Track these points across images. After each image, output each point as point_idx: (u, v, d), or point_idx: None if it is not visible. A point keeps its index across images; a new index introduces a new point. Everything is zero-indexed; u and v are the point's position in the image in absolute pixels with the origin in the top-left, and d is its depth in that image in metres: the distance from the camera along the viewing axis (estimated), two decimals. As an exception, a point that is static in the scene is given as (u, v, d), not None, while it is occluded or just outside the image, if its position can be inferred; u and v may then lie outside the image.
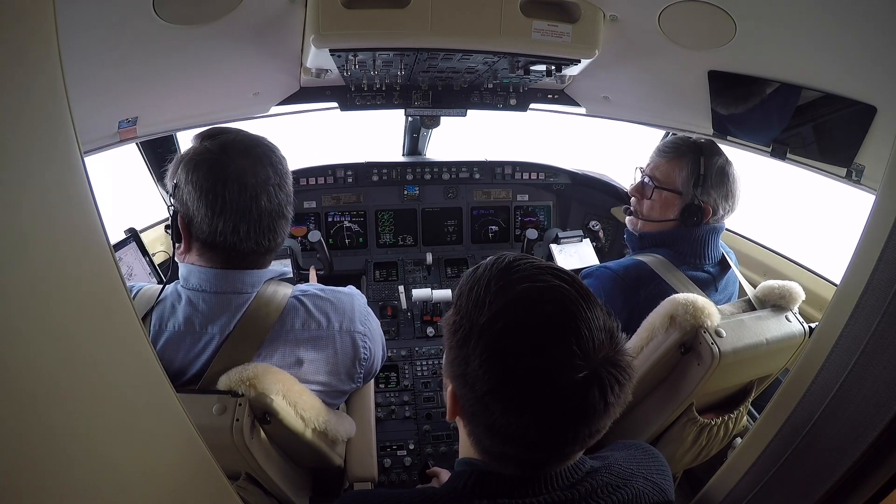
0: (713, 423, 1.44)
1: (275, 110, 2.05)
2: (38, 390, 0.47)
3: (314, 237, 2.15)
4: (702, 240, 1.59)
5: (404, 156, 2.76)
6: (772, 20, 1.19)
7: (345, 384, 1.23)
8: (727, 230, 1.73)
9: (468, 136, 3.31)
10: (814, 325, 1.41)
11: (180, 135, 2.12)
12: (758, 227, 2.33)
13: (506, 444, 0.72)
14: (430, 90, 2.09)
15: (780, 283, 1.46)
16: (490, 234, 2.72)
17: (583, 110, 2.22)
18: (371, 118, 2.48)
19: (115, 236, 1.85)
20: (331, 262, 2.30)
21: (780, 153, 1.50)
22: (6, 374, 0.43)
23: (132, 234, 1.87)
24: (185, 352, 1.09)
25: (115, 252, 0.84)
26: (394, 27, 1.38)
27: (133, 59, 1.31)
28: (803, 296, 1.44)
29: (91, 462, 0.54)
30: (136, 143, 1.99)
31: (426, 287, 2.36)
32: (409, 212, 2.64)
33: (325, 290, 1.21)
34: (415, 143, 2.67)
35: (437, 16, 1.37)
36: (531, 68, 1.66)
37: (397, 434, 2.06)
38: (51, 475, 0.48)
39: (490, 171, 2.68)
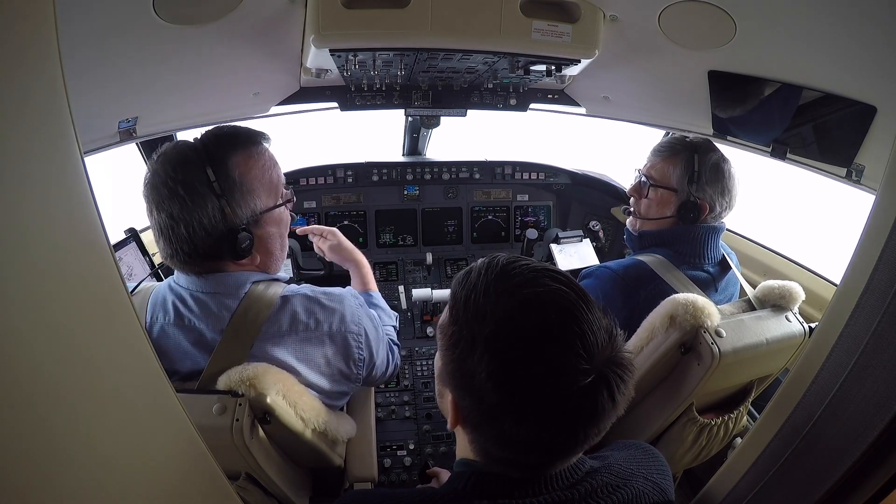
0: (713, 423, 1.44)
1: (275, 110, 2.05)
2: (38, 390, 0.47)
3: None
4: (701, 239, 1.59)
5: (404, 156, 2.76)
6: (772, 20, 1.19)
7: (340, 385, 1.22)
8: (728, 230, 1.74)
9: (468, 136, 3.31)
10: (814, 325, 1.41)
11: (180, 135, 2.11)
12: (758, 227, 2.33)
13: (514, 451, 0.72)
14: (430, 90, 2.09)
15: (780, 283, 1.46)
16: (490, 234, 2.72)
17: (583, 110, 2.22)
18: (371, 118, 2.48)
19: (115, 236, 1.85)
20: (331, 262, 2.30)
21: (780, 153, 1.50)
22: (6, 373, 0.43)
23: (132, 234, 1.86)
24: (175, 345, 1.10)
25: (115, 252, 0.84)
26: (394, 27, 1.38)
27: (133, 60, 1.31)
28: (803, 296, 1.45)
29: (91, 462, 0.54)
30: (136, 143, 1.99)
31: (426, 287, 2.36)
32: (409, 212, 2.64)
33: (316, 291, 1.19)
34: (415, 143, 2.67)
35: (437, 16, 1.37)
36: (531, 68, 1.67)
37: (397, 434, 2.06)
38: (51, 475, 0.48)
39: (490, 171, 2.68)
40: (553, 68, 1.64)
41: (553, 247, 2.29)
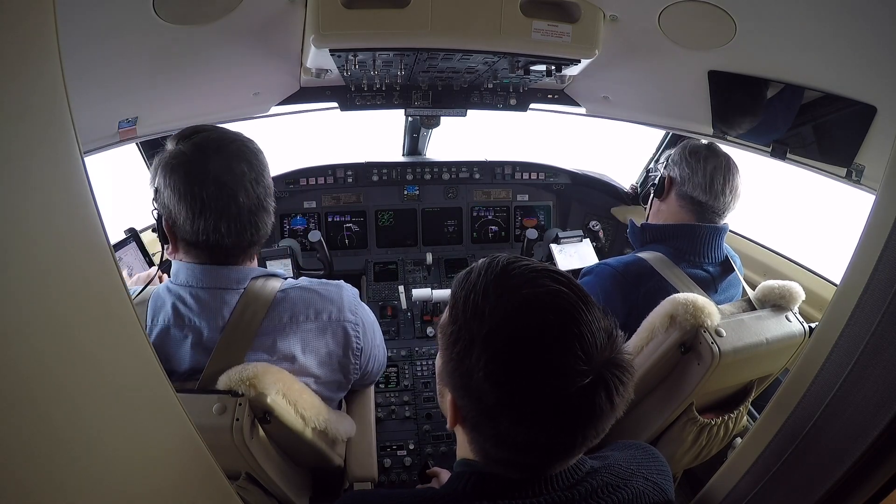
0: (713, 422, 1.44)
1: (275, 110, 2.06)
2: (38, 390, 0.47)
3: (314, 237, 2.14)
4: (702, 237, 1.59)
5: (404, 156, 2.76)
6: (772, 20, 1.19)
7: (338, 375, 1.23)
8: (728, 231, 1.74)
9: (468, 136, 3.31)
10: (814, 325, 1.41)
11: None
12: (758, 227, 2.33)
13: (512, 452, 0.72)
14: (430, 90, 2.09)
15: (780, 282, 1.46)
16: (490, 234, 2.72)
17: (583, 110, 2.23)
18: (371, 118, 2.48)
19: (115, 236, 1.86)
20: (331, 262, 2.30)
21: (780, 153, 1.50)
22: (6, 373, 0.43)
23: (132, 234, 1.87)
24: (175, 346, 1.10)
25: (115, 252, 0.84)
26: (394, 27, 1.38)
27: (133, 60, 1.31)
28: (803, 296, 1.45)
29: (91, 461, 0.54)
30: (136, 143, 1.99)
31: (426, 287, 2.36)
32: (409, 212, 2.64)
33: (313, 283, 1.22)
34: (415, 143, 2.67)
35: (437, 16, 1.37)
36: (531, 68, 1.67)
37: (397, 434, 2.06)
38: (52, 475, 0.48)
39: (490, 171, 2.68)
40: (553, 68, 1.65)
41: (553, 247, 2.29)
